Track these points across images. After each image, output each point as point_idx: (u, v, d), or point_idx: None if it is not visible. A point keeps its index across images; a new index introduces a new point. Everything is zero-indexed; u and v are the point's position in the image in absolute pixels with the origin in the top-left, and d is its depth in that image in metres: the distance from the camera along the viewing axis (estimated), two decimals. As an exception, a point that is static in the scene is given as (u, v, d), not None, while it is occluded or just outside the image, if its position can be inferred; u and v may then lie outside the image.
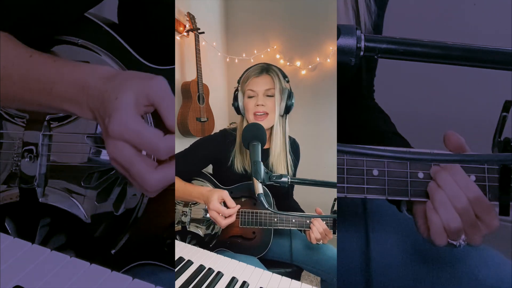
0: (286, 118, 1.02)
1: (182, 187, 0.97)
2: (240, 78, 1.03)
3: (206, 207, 0.93)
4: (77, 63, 0.65)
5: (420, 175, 0.64)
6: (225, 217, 0.90)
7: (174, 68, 0.71)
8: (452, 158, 0.44)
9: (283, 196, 1.05)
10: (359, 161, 0.64)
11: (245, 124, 1.01)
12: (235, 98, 1.02)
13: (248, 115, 1.00)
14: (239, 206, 0.92)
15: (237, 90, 1.03)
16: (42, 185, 0.72)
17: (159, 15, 0.73)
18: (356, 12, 0.77)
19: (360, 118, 0.90)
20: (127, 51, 0.72)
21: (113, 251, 0.70)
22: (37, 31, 0.68)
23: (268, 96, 0.99)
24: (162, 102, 0.57)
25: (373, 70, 0.94)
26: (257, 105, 0.98)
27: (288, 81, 1.01)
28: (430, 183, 0.63)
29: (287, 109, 1.00)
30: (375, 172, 0.64)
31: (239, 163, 0.99)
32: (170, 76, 0.70)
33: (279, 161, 1.01)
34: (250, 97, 1.00)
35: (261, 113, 0.98)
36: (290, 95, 1.00)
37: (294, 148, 1.08)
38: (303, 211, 1.08)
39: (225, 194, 0.91)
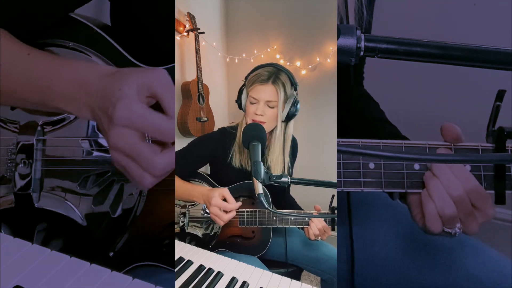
0: (289, 124, 1.00)
1: (181, 186, 0.97)
2: (248, 75, 1.00)
3: (206, 206, 0.93)
4: (75, 61, 0.65)
5: (416, 166, 0.64)
6: (227, 212, 0.90)
7: (174, 66, 0.71)
8: (450, 158, 0.44)
9: (279, 193, 1.04)
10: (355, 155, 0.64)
11: (245, 122, 1.00)
12: (240, 95, 1.01)
13: (247, 118, 0.99)
14: (240, 203, 0.93)
15: (244, 85, 1.00)
16: (37, 190, 0.71)
17: (153, 15, 0.72)
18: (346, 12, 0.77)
19: (349, 105, 0.89)
20: (120, 53, 0.71)
21: (111, 254, 0.70)
22: (25, 30, 0.68)
23: (269, 107, 0.96)
24: (164, 93, 0.58)
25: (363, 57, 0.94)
26: (256, 114, 0.96)
27: (296, 89, 0.98)
28: (426, 173, 0.63)
29: (290, 117, 0.98)
30: (371, 165, 0.64)
31: (237, 159, 0.99)
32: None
33: (277, 163, 1.00)
34: (252, 103, 0.98)
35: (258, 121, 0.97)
36: (295, 103, 0.97)
37: (292, 146, 1.07)
38: (300, 207, 1.08)
39: (225, 191, 0.92)
